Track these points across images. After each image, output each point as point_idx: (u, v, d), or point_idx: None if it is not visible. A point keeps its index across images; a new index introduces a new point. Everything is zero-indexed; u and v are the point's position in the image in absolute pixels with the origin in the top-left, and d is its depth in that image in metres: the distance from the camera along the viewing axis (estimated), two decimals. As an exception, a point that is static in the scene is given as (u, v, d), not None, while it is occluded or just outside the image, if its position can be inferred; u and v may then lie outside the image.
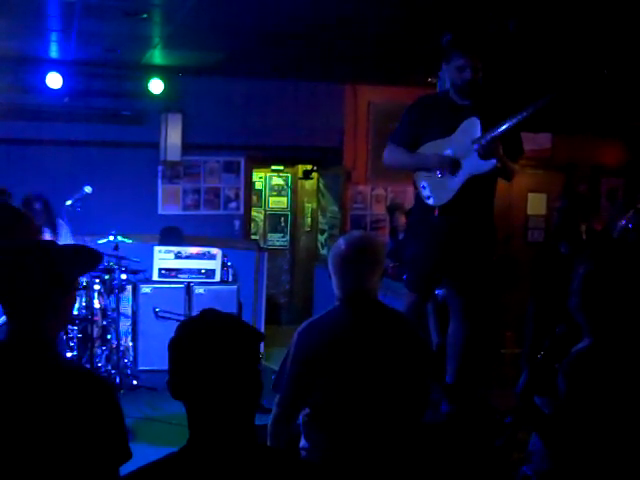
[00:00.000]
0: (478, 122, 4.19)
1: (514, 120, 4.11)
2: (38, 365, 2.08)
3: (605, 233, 5.59)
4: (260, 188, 10.84)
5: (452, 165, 4.27)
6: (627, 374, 2.49)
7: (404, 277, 4.63)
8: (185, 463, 1.75)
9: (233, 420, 1.77)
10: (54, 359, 2.16)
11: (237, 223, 8.86)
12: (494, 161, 4.18)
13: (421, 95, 4.63)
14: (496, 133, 4.13)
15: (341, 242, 2.89)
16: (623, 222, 5.48)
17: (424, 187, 4.44)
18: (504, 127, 4.12)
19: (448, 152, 4.31)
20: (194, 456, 1.75)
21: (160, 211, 8.53)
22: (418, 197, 4.53)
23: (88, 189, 6.58)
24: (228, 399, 1.77)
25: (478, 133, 4.19)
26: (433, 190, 4.39)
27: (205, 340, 1.77)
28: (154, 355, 7.17)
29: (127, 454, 2.11)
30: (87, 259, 2.36)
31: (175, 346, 1.82)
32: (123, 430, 2.13)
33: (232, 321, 1.84)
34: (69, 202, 6.49)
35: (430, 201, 4.40)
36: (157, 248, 7.48)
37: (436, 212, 4.37)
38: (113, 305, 6.74)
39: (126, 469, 2.13)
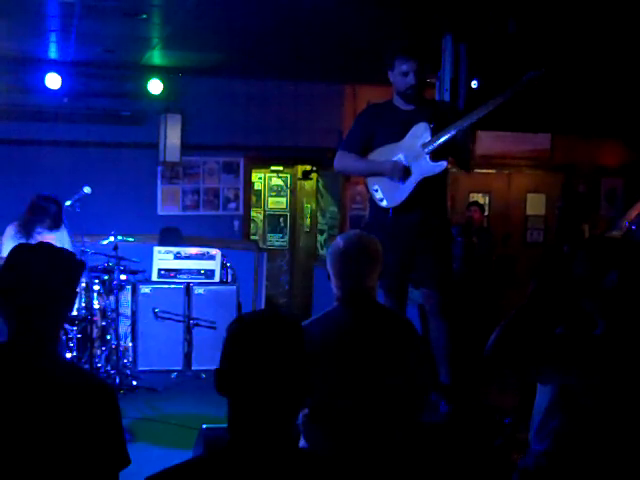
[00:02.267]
0: (428, 126, 4.37)
1: (471, 117, 4.27)
2: (39, 368, 2.08)
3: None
4: (259, 188, 10.84)
5: (403, 172, 4.42)
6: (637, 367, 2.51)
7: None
8: (225, 463, 1.71)
9: (276, 422, 1.73)
10: (55, 362, 2.16)
11: (236, 223, 8.86)
12: (445, 163, 4.37)
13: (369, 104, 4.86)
14: (453, 132, 4.28)
15: (339, 241, 2.89)
16: (626, 223, 5.48)
17: (376, 190, 4.57)
18: (461, 125, 4.27)
19: (399, 156, 4.46)
20: (234, 457, 1.71)
21: (159, 212, 8.54)
22: (372, 200, 4.65)
23: (87, 189, 6.57)
24: (275, 399, 1.72)
25: (428, 137, 4.36)
26: (385, 192, 4.52)
27: (263, 335, 1.74)
28: (153, 355, 7.18)
29: (126, 460, 2.10)
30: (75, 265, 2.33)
31: (231, 338, 1.78)
32: (122, 435, 2.13)
33: (293, 321, 1.81)
34: (68, 202, 6.49)
35: (383, 203, 4.53)
36: (156, 249, 7.48)
37: (390, 213, 4.50)
38: (112, 305, 6.74)
39: (125, 473, 2.13)
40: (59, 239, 6.39)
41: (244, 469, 1.69)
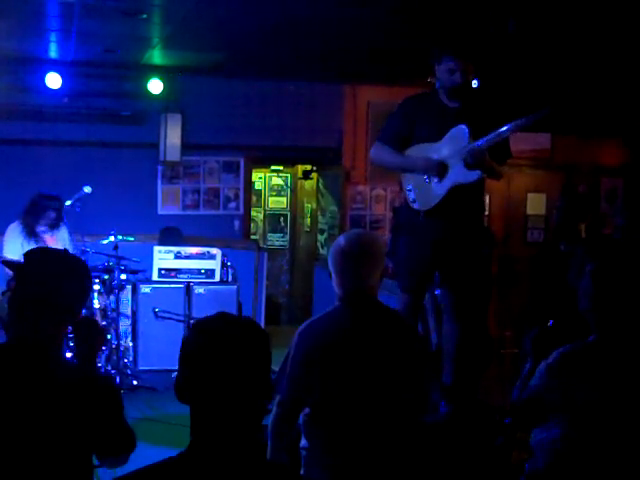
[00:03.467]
0: (467, 130, 4.21)
1: (502, 132, 4.13)
2: (44, 367, 2.09)
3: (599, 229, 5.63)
4: (259, 188, 10.84)
5: (439, 169, 4.27)
6: (631, 370, 2.51)
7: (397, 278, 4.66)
8: (183, 468, 1.69)
9: (238, 426, 1.71)
10: (60, 362, 2.18)
11: (237, 223, 8.86)
12: (479, 172, 4.20)
13: (410, 94, 4.63)
14: (483, 144, 4.14)
15: (341, 240, 2.88)
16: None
17: (410, 190, 4.47)
18: (491, 138, 4.13)
19: (435, 158, 4.32)
20: (193, 462, 1.69)
21: (160, 211, 8.54)
22: (405, 199, 4.57)
23: (88, 189, 6.57)
24: (236, 404, 1.70)
25: (466, 141, 4.20)
26: (418, 194, 4.41)
27: (217, 343, 1.71)
28: (154, 355, 7.17)
29: (133, 444, 2.24)
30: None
31: (186, 347, 1.76)
32: (125, 422, 2.23)
33: (245, 324, 1.78)
34: (69, 202, 6.49)
35: (415, 205, 4.44)
36: (157, 248, 7.48)
37: (421, 216, 4.40)
38: (113, 305, 6.74)
39: (125, 465, 2.15)
40: (60, 239, 6.41)
41: (204, 474, 1.67)
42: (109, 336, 6.70)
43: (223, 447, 1.69)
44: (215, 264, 7.45)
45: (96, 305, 6.60)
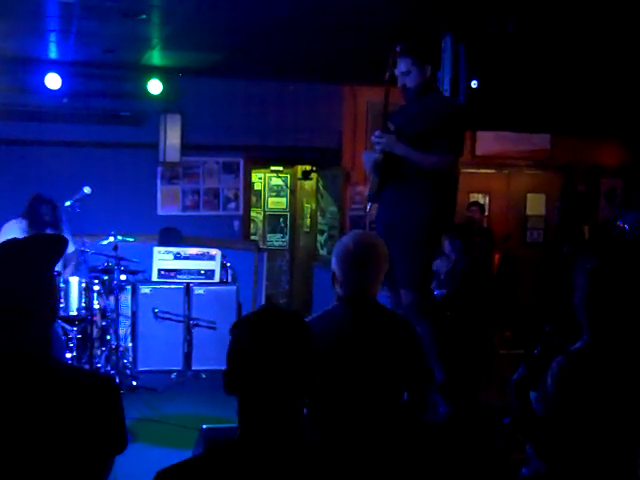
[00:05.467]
0: (388, 120, 4.48)
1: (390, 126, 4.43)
2: (41, 370, 2.07)
3: (604, 232, 5.61)
4: (259, 189, 10.84)
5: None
6: (623, 373, 2.50)
7: None
8: (235, 458, 1.75)
9: (283, 417, 1.78)
10: (55, 363, 2.16)
11: (236, 224, 8.86)
12: (364, 155, 4.59)
13: None
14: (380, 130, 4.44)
15: (348, 242, 2.87)
16: (620, 223, 5.51)
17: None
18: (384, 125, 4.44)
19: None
20: (244, 451, 1.75)
21: (159, 212, 8.54)
22: None
23: (87, 190, 6.57)
24: (282, 395, 1.77)
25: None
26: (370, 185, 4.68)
27: (265, 336, 1.78)
28: (153, 356, 7.17)
29: (125, 443, 2.14)
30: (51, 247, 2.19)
31: (235, 342, 1.82)
32: (123, 422, 2.17)
33: (291, 318, 1.85)
34: (68, 203, 6.49)
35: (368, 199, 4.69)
36: (156, 249, 7.48)
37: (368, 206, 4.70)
38: (112, 306, 6.74)
39: (125, 473, 2.14)
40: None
41: (255, 462, 1.73)
42: (108, 337, 6.70)
43: (271, 437, 1.76)
44: (215, 265, 7.45)
45: (96, 306, 6.59)
